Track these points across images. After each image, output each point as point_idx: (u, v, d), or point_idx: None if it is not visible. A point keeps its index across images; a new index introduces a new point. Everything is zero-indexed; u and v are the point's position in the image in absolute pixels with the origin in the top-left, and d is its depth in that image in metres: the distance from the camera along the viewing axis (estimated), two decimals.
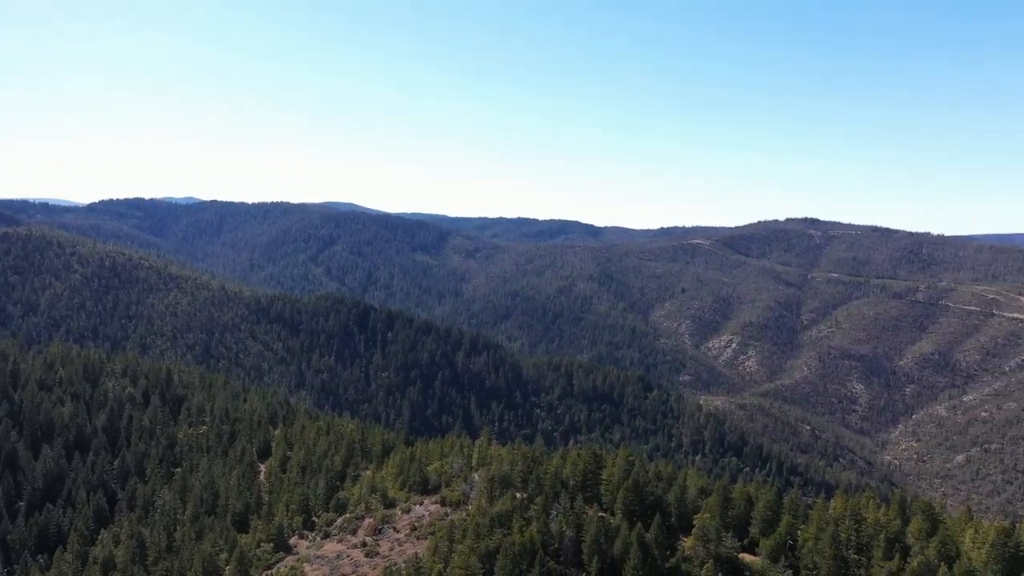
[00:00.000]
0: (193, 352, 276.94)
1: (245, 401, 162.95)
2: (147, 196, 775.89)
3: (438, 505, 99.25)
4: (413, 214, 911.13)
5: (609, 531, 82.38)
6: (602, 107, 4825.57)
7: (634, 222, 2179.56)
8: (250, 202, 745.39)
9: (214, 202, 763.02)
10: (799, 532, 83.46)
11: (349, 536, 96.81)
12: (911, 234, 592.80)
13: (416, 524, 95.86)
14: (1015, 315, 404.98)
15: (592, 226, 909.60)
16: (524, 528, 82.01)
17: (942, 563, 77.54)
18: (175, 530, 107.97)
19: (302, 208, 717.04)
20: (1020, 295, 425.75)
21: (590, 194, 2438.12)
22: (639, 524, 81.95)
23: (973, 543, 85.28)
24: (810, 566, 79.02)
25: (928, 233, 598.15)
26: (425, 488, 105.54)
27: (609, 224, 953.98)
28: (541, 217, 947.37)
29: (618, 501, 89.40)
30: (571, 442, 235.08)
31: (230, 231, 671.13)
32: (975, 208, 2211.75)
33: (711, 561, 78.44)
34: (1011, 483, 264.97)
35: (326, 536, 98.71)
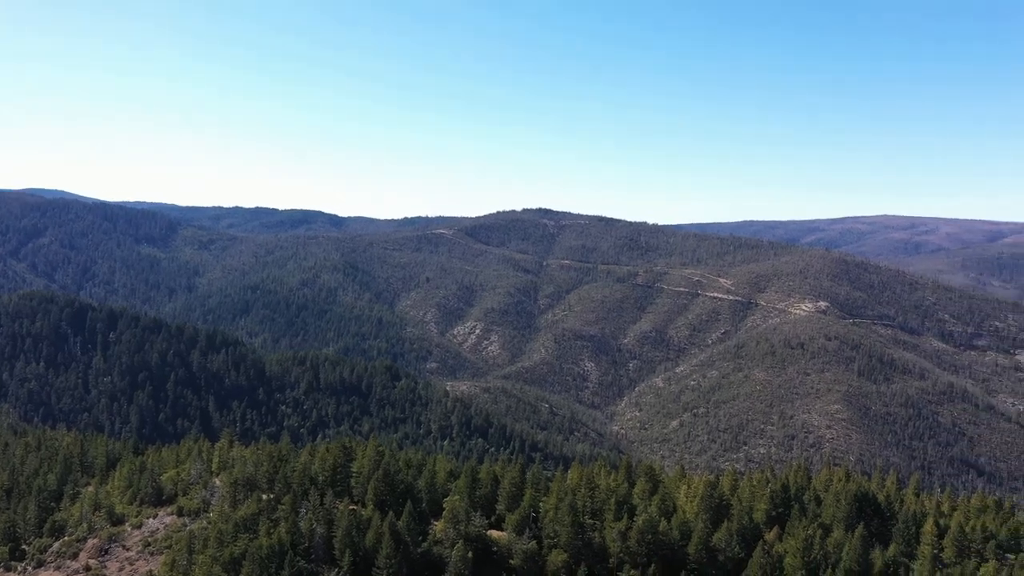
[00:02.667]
0: None
1: None
2: None
3: (175, 516, 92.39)
4: (136, 203, 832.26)
5: (361, 523, 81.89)
6: (338, 94, 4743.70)
7: (379, 212, 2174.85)
8: None
9: None
10: (541, 504, 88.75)
11: (69, 561, 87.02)
12: (631, 223, 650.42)
13: (149, 539, 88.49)
14: (715, 295, 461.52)
15: (336, 216, 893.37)
16: (272, 530, 78.99)
17: (662, 518, 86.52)
18: None
19: None
20: (719, 277, 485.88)
21: (333, 184, 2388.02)
22: (391, 513, 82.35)
23: (687, 497, 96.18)
24: (551, 535, 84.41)
25: (645, 223, 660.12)
26: (159, 499, 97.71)
27: (353, 214, 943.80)
28: (281, 207, 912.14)
29: (369, 492, 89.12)
30: (319, 437, 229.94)
31: None
32: (682, 200, 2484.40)
33: (461, 541, 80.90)
34: (715, 441, 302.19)
35: (40, 565, 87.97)
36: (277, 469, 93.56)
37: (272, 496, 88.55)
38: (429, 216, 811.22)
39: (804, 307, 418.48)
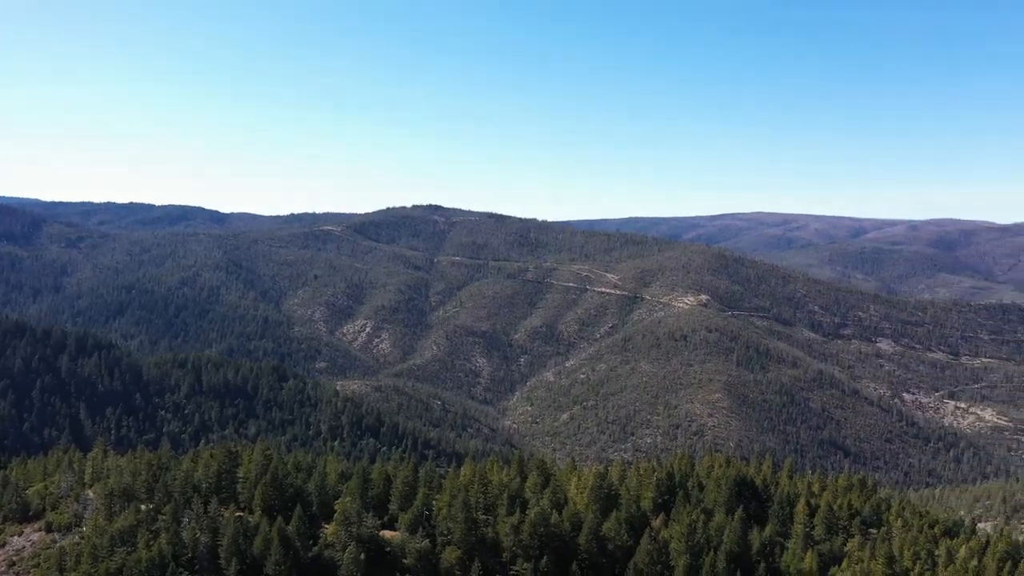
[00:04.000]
0: None
1: None
2: None
3: (43, 532, 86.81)
4: None
5: (248, 530, 79.51)
6: (215, 88, 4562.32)
7: (263, 208, 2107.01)
8: None
9: None
10: (434, 502, 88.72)
11: None
12: (521, 220, 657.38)
13: (15, 559, 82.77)
14: (602, 289, 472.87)
15: (217, 212, 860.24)
16: (151, 542, 75.55)
17: (554, 510, 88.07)
18: None
19: None
20: (606, 272, 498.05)
21: (213, 179, 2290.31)
22: (279, 518, 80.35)
23: (577, 489, 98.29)
24: (445, 532, 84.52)
25: (535, 219, 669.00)
26: (26, 515, 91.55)
27: (236, 210, 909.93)
28: (158, 203, 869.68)
29: (257, 498, 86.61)
30: (203, 442, 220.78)
31: None
32: (570, 197, 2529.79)
33: (353, 543, 79.82)
34: (604, 433, 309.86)
35: None
36: (157, 478, 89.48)
37: (152, 506, 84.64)
38: (317, 213, 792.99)
39: (687, 300, 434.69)
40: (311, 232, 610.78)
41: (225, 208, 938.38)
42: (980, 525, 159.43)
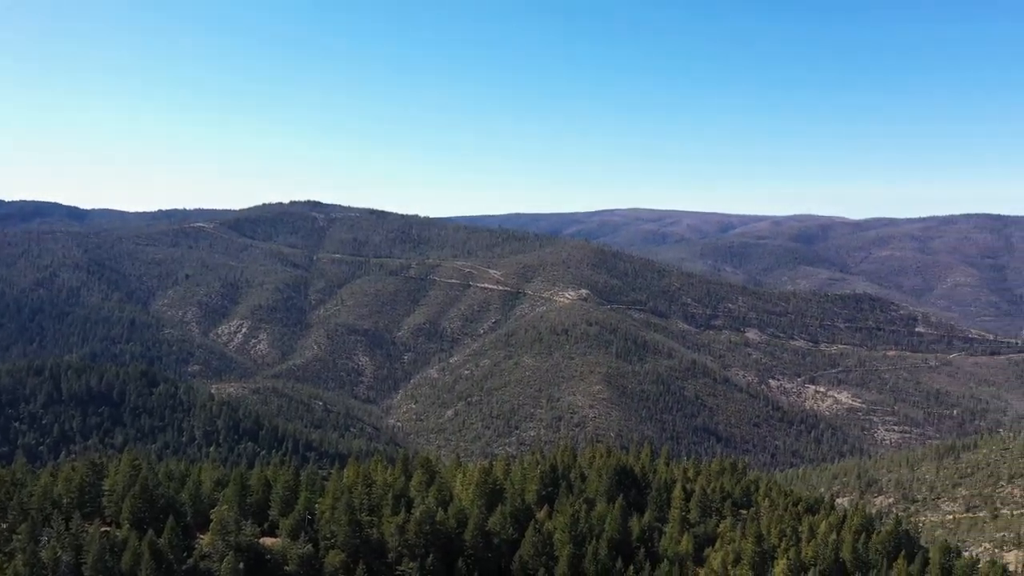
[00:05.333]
0: None
1: None
2: None
3: None
4: None
5: (116, 545, 75.22)
6: (69, 75, 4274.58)
7: (128, 204, 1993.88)
8: None
9: None
10: (317, 505, 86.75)
11: None
12: (403, 216, 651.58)
13: None
14: (485, 285, 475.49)
15: (77, 208, 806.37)
16: (5, 564, 70.20)
17: (440, 508, 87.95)
18: None
19: None
20: (488, 268, 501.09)
21: (72, 173, 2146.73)
22: (150, 531, 76.44)
23: (463, 486, 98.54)
24: (328, 535, 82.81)
25: (416, 215, 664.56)
26: None
27: (97, 207, 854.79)
28: (6, 198, 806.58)
29: (125, 511, 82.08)
30: (63, 455, 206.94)
31: None
32: (452, 194, 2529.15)
33: (231, 553, 76.98)
34: (489, 428, 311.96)
35: None
36: (11, 495, 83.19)
37: (5, 525, 78.64)
38: (187, 209, 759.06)
39: (567, 295, 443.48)
40: (181, 229, 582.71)
41: (85, 204, 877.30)
42: (838, 500, 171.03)
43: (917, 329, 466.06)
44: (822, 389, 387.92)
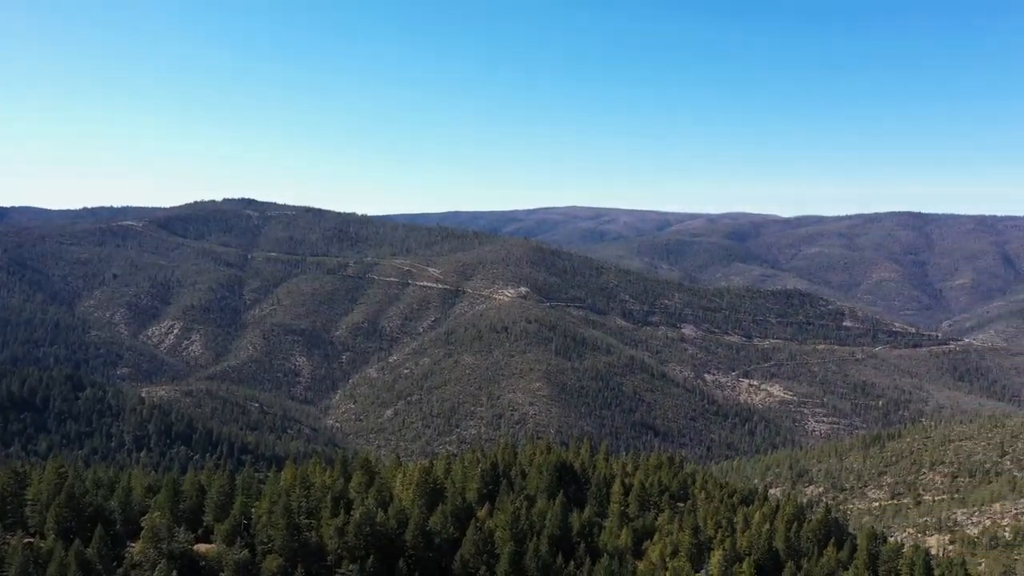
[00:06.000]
0: None
1: None
2: None
3: None
4: None
5: (40, 557, 72.39)
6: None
7: (50, 202, 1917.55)
8: None
9: None
10: (253, 510, 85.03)
11: None
12: (340, 214, 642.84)
13: None
14: (424, 283, 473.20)
15: None
16: None
17: (380, 509, 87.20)
18: None
19: None
20: (427, 266, 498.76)
21: None
22: (77, 541, 73.82)
23: (403, 486, 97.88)
24: (265, 540, 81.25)
25: (354, 213, 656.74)
26: None
27: (17, 204, 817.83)
28: None
29: (50, 521, 79.08)
30: None
31: None
32: (390, 191, 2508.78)
33: (163, 561, 74.89)
34: (429, 427, 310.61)
35: None
36: None
37: None
38: (114, 207, 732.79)
39: (507, 293, 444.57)
40: (108, 228, 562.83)
41: (4, 201, 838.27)
42: (771, 491, 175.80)
43: (845, 323, 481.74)
44: (755, 383, 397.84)
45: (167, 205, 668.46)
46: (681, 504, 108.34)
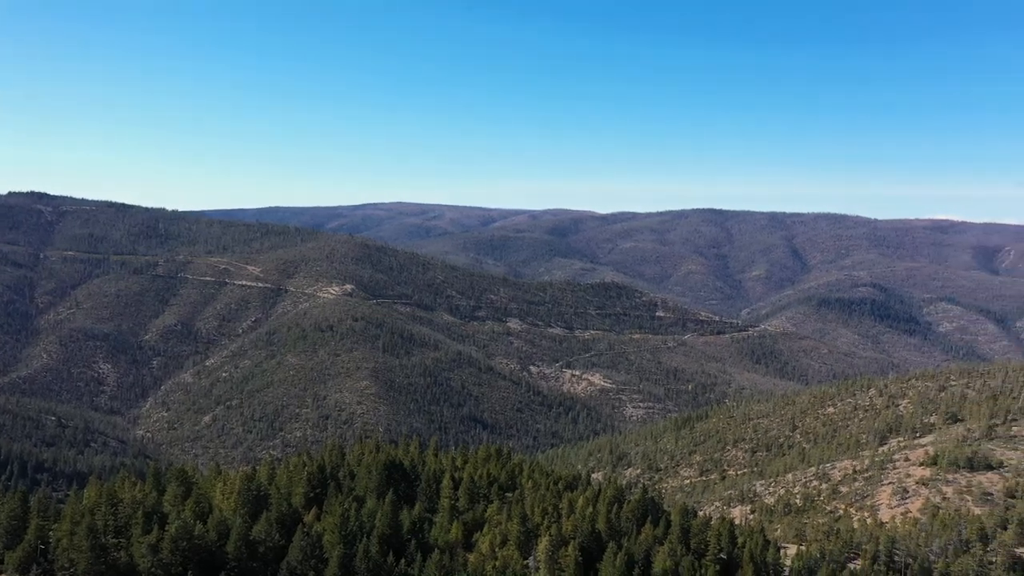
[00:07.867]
0: None
1: None
2: None
3: None
4: None
5: None
6: None
7: None
8: None
9: None
10: (52, 533, 77.88)
11: None
12: (148, 210, 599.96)
13: None
14: (244, 282, 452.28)
15: None
16: None
17: (198, 521, 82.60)
18: None
19: None
20: (247, 264, 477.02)
21: None
22: None
23: (223, 495, 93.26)
24: (67, 564, 74.67)
25: (164, 209, 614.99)
26: None
27: None
28: None
29: None
30: None
31: None
32: (204, 186, 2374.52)
33: None
34: (251, 432, 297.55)
35: None
36: None
37: None
38: None
39: (332, 291, 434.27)
40: None
41: None
42: (594, 475, 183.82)
43: (658, 314, 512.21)
44: (577, 372, 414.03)
45: None
46: (510, 494, 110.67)
